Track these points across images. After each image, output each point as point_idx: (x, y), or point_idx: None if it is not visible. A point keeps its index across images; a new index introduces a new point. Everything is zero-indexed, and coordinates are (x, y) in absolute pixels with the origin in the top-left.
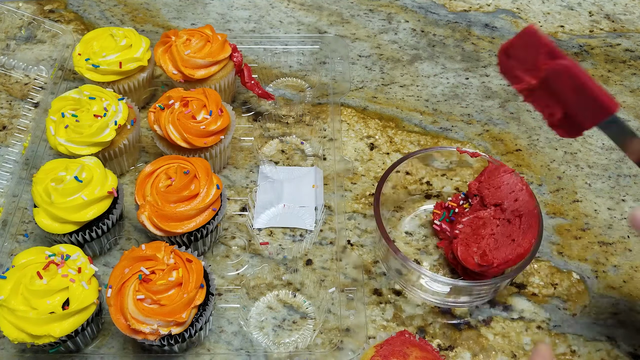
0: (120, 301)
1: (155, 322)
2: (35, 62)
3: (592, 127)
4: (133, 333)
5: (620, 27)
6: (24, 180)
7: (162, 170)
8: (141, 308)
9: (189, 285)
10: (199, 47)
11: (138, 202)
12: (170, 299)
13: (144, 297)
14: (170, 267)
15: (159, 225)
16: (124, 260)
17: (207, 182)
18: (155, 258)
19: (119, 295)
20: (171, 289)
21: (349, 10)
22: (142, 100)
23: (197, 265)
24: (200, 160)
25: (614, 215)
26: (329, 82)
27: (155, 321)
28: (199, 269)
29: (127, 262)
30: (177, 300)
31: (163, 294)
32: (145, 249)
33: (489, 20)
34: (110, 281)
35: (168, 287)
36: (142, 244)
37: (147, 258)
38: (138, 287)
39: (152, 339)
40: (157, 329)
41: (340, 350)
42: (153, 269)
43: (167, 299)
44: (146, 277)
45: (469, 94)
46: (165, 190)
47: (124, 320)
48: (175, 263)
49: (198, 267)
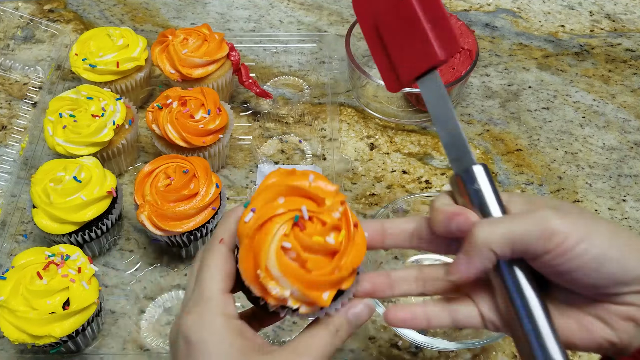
0: (259, 240)
1: (290, 288)
2: (34, 62)
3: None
4: (255, 284)
5: (620, 27)
6: (22, 180)
7: (161, 170)
8: (281, 260)
9: (345, 260)
10: (196, 46)
11: (137, 201)
12: (317, 265)
13: (290, 246)
14: (332, 223)
15: (158, 225)
16: (280, 182)
17: (207, 181)
18: (321, 202)
19: (260, 230)
20: (323, 254)
21: (349, 10)
22: (140, 100)
23: (360, 237)
24: (199, 160)
25: (614, 215)
26: (329, 82)
27: (291, 286)
28: (362, 243)
29: (284, 189)
30: (326, 272)
31: (313, 253)
32: (313, 179)
33: (489, 19)
34: (254, 202)
35: (322, 249)
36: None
37: (311, 196)
38: (289, 232)
39: (272, 305)
40: (286, 297)
41: (340, 350)
42: (313, 215)
43: (315, 263)
44: (302, 222)
45: (469, 93)
46: (164, 190)
47: (253, 265)
48: (339, 221)
49: (361, 239)
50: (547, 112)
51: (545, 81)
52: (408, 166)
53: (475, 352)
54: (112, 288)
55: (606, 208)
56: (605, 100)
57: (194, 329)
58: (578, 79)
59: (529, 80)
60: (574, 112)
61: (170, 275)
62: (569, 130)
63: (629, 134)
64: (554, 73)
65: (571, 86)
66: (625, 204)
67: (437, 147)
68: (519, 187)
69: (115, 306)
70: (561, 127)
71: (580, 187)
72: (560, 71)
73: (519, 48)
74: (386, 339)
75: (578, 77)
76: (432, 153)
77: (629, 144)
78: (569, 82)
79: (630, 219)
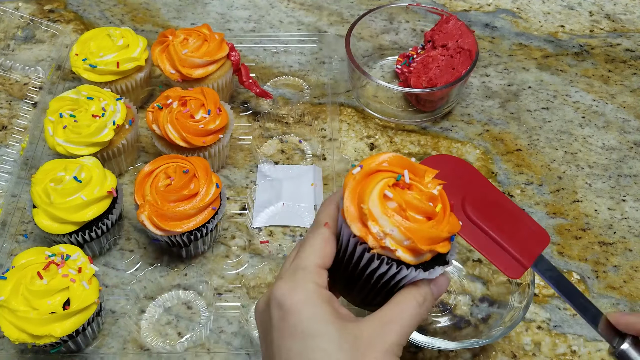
0: (365, 184)
1: (393, 228)
2: (34, 62)
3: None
4: (357, 222)
5: (620, 27)
6: (23, 180)
7: (161, 170)
8: (383, 204)
9: (443, 225)
10: (197, 46)
11: (137, 201)
12: (417, 221)
13: (392, 196)
14: (430, 194)
15: (158, 225)
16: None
17: (207, 181)
18: (419, 179)
19: (366, 178)
20: (422, 213)
21: (349, 10)
22: (140, 100)
23: (454, 218)
24: (199, 160)
25: (614, 215)
26: (329, 82)
27: (393, 227)
28: (456, 222)
29: (390, 157)
30: (426, 228)
31: (412, 210)
32: (416, 160)
33: (489, 20)
34: (362, 162)
35: (421, 209)
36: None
37: (414, 169)
38: (390, 186)
39: (372, 247)
40: (387, 234)
41: None
42: (413, 183)
43: (415, 219)
44: (403, 183)
45: (469, 94)
46: (164, 190)
47: (357, 204)
48: (437, 197)
49: (455, 220)
50: (547, 112)
51: (545, 81)
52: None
53: (475, 352)
54: (113, 288)
55: (606, 208)
56: (604, 101)
57: (288, 294)
58: (578, 79)
59: (528, 80)
60: (574, 112)
61: (171, 275)
62: (568, 130)
63: (629, 134)
64: (554, 73)
65: (571, 86)
66: (624, 204)
67: (437, 147)
68: (518, 187)
69: (115, 306)
70: (561, 127)
71: (580, 187)
72: (560, 71)
73: (518, 48)
74: None
75: (578, 77)
76: (432, 153)
77: (628, 144)
78: (568, 82)
79: (629, 219)
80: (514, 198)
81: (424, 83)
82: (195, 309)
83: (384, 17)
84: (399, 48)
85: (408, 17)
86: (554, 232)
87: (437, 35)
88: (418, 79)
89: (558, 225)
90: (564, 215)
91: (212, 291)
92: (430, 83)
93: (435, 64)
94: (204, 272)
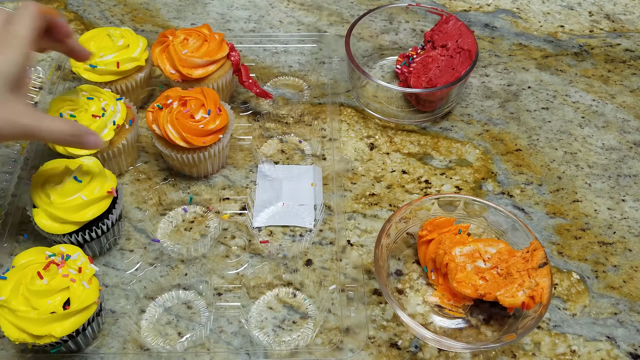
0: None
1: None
2: (34, 62)
3: None
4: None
5: (620, 27)
6: (23, 180)
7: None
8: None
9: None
10: (197, 46)
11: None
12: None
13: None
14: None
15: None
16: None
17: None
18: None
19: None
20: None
21: (349, 10)
22: (140, 100)
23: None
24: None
25: (614, 215)
26: (329, 82)
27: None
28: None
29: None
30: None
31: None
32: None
33: (488, 20)
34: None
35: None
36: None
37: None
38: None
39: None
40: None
41: (340, 350)
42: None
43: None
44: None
45: (469, 94)
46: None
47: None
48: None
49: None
50: (547, 112)
51: (545, 81)
52: (408, 166)
53: (475, 352)
54: (113, 288)
55: (605, 208)
56: (604, 101)
57: None
58: (577, 79)
59: (528, 80)
60: (574, 112)
61: (171, 275)
62: (568, 130)
63: (628, 134)
64: (554, 73)
65: (570, 86)
66: (624, 204)
67: (437, 147)
68: (518, 187)
69: (115, 306)
70: (560, 127)
71: (580, 187)
72: (560, 71)
73: (518, 48)
74: (386, 339)
75: (577, 77)
76: (431, 153)
77: (628, 144)
78: (568, 82)
79: (629, 219)
80: (513, 198)
81: (424, 83)
82: (195, 308)
83: (383, 17)
84: (398, 48)
85: (408, 17)
86: (553, 232)
87: (437, 36)
88: (418, 79)
89: (558, 225)
90: (564, 215)
91: (212, 291)
92: (430, 83)
93: (435, 64)
94: (204, 272)
